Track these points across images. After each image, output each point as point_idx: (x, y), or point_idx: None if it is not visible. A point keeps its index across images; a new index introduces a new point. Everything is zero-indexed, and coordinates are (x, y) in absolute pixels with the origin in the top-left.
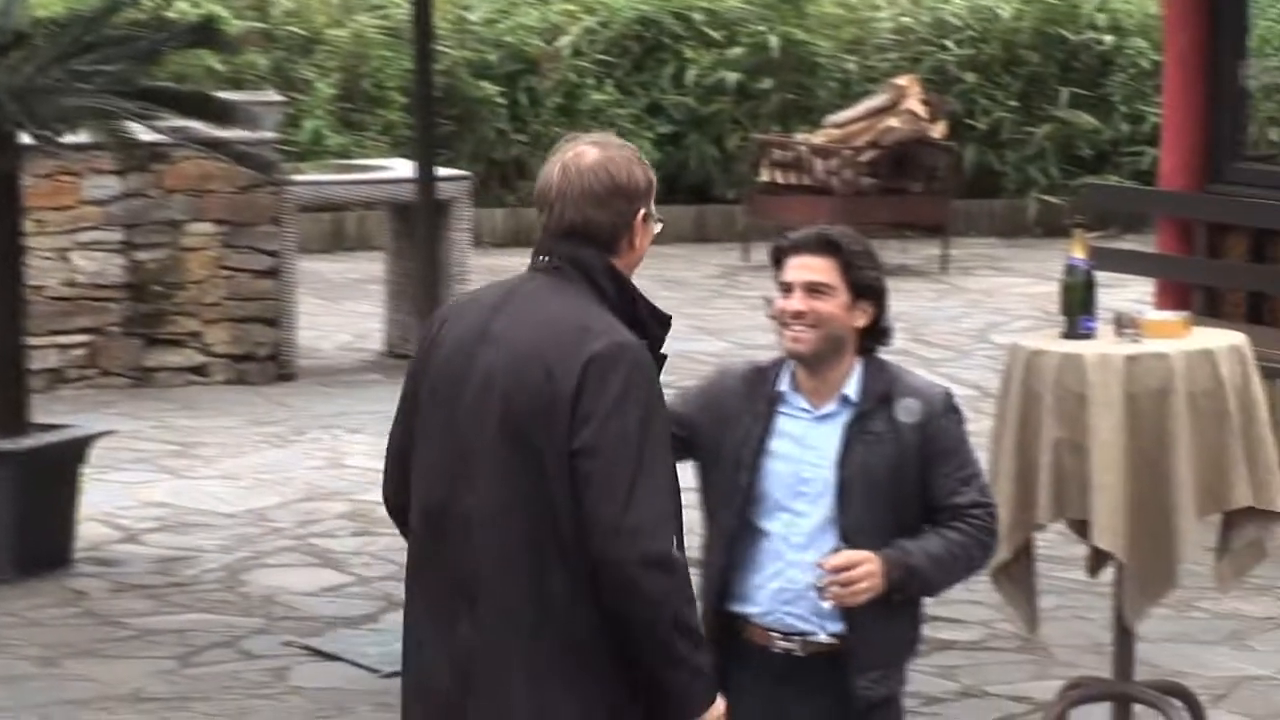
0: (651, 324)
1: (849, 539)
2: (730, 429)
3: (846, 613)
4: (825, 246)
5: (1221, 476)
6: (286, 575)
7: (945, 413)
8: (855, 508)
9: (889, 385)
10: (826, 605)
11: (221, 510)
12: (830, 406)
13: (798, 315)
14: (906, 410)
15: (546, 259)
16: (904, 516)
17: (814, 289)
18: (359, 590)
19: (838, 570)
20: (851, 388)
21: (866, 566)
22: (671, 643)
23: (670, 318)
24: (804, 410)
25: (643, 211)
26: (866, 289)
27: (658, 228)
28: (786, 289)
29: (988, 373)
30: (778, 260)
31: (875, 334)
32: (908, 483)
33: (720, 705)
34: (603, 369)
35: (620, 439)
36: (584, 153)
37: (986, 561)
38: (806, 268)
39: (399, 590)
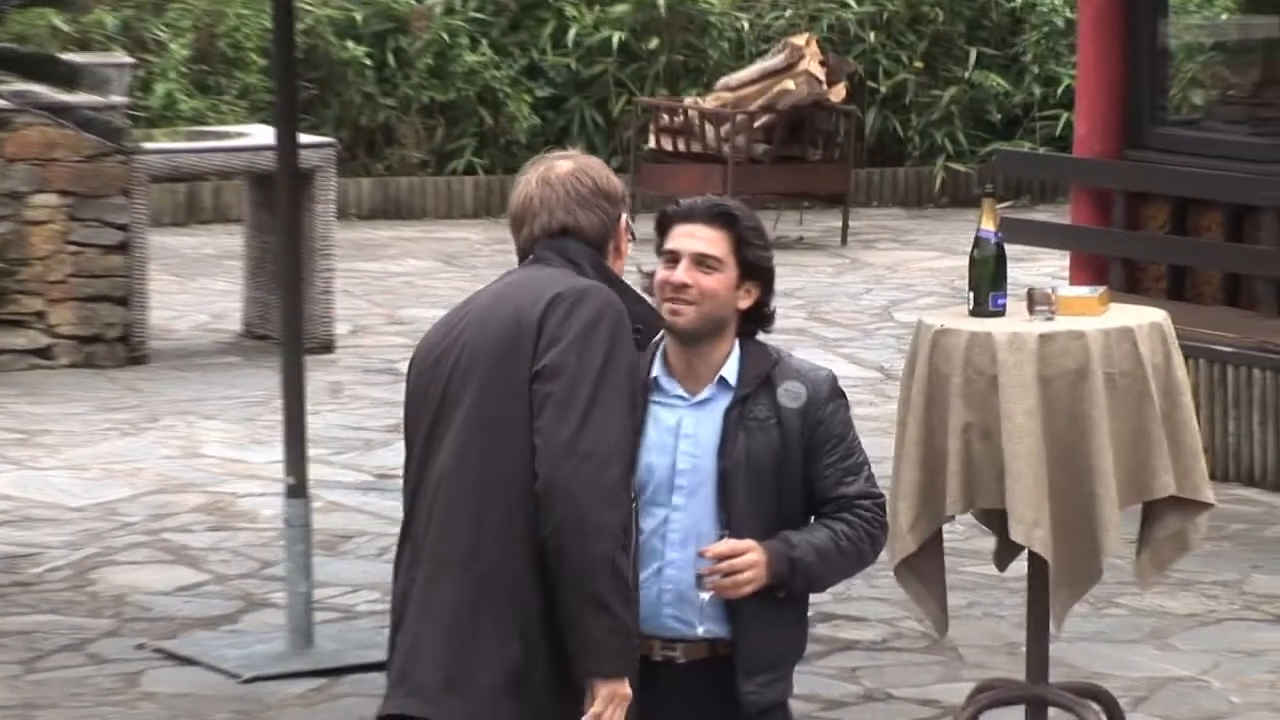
0: (637, 312)
1: (733, 533)
2: None
3: (731, 612)
4: (719, 218)
5: (1143, 463)
6: (138, 573)
7: (831, 397)
8: (739, 500)
9: (770, 368)
10: (706, 598)
11: (68, 503)
12: (707, 391)
13: (680, 288)
14: (789, 394)
15: (530, 258)
16: (788, 508)
17: (701, 260)
18: (216, 589)
19: (720, 558)
20: (730, 370)
21: (750, 556)
22: (601, 586)
23: (655, 313)
24: (678, 397)
25: (624, 217)
26: (755, 269)
27: (632, 238)
28: (671, 258)
29: (891, 353)
30: (663, 227)
31: (758, 318)
32: (792, 472)
33: (626, 686)
34: (572, 302)
35: (582, 364)
36: (556, 165)
37: (876, 556)
38: (696, 237)
39: (259, 589)
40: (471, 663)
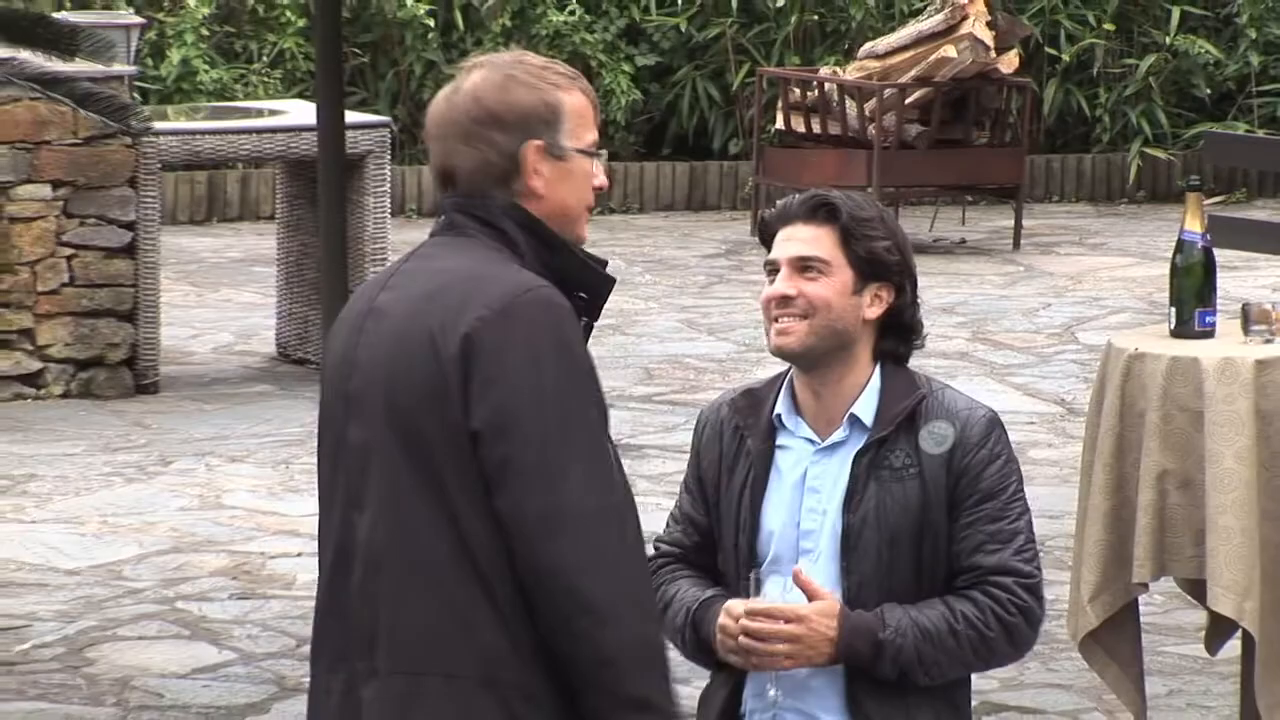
0: (583, 276)
1: (853, 606)
2: (725, 482)
3: (853, 705)
4: (817, 212)
5: None
6: (147, 651)
7: (984, 442)
8: (864, 565)
9: (915, 404)
10: (773, 694)
11: (61, 565)
12: (839, 433)
13: (783, 300)
14: (933, 438)
15: (443, 216)
16: (931, 579)
17: (804, 265)
18: (242, 671)
19: (755, 617)
20: (864, 407)
21: (793, 627)
22: (632, 683)
23: (606, 270)
24: (806, 440)
25: (536, 144)
26: (877, 266)
27: (593, 167)
28: (772, 269)
29: (1075, 383)
30: (765, 238)
31: (898, 331)
32: (936, 534)
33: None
34: (499, 326)
35: (537, 411)
36: (468, 75)
37: (1015, 650)
38: (794, 239)
39: (294, 671)
40: None
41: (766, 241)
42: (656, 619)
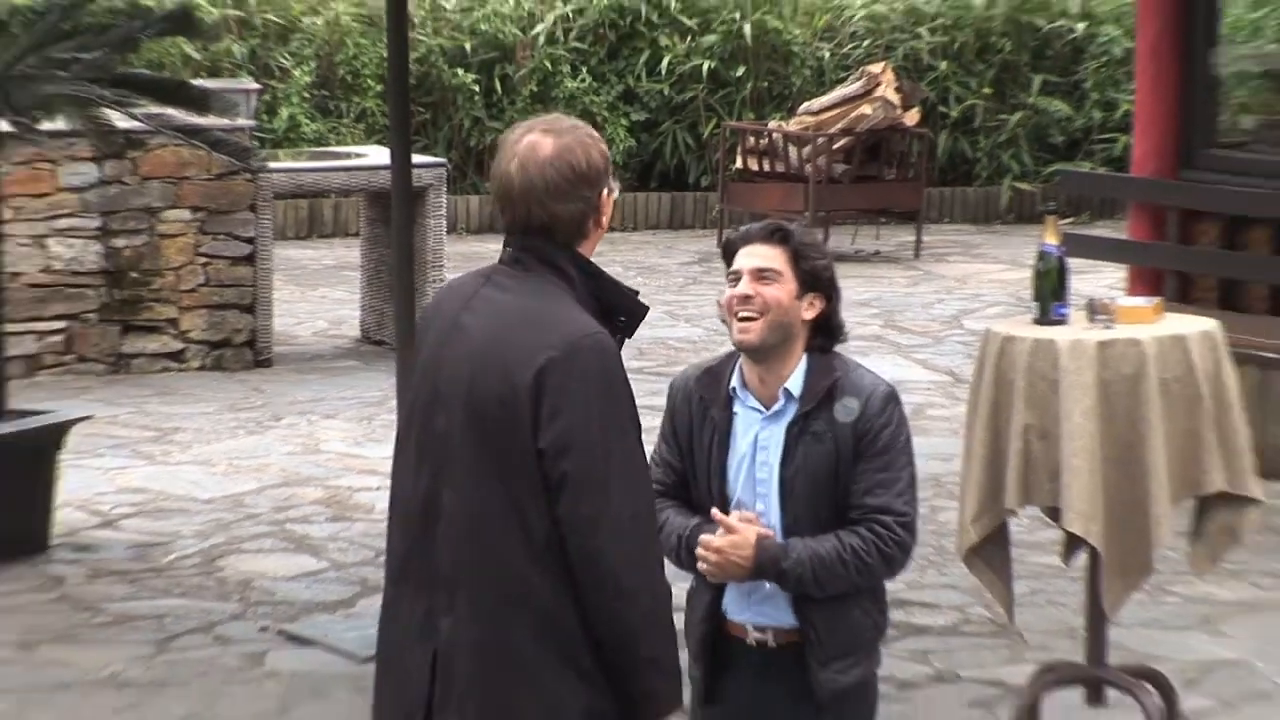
0: (622, 305)
1: (791, 534)
2: (698, 433)
3: (796, 608)
4: (773, 235)
5: (1195, 462)
6: (263, 560)
7: (880, 413)
8: (797, 507)
9: (831, 383)
10: (769, 588)
11: (198, 495)
12: (778, 404)
13: (745, 300)
14: (844, 410)
15: (511, 251)
16: (845, 513)
17: (761, 275)
18: (335, 575)
19: (707, 543)
20: (795, 384)
21: (730, 547)
22: (646, 646)
23: (638, 296)
24: (755, 409)
25: (604, 191)
26: (816, 280)
27: (615, 194)
28: (735, 277)
29: (961, 359)
30: (728, 255)
31: (827, 330)
32: (846, 481)
33: (682, 706)
34: (564, 366)
35: (588, 436)
36: (538, 144)
37: (890, 572)
38: (754, 255)
39: (375, 575)
40: (532, 691)
41: (728, 257)
42: (667, 598)
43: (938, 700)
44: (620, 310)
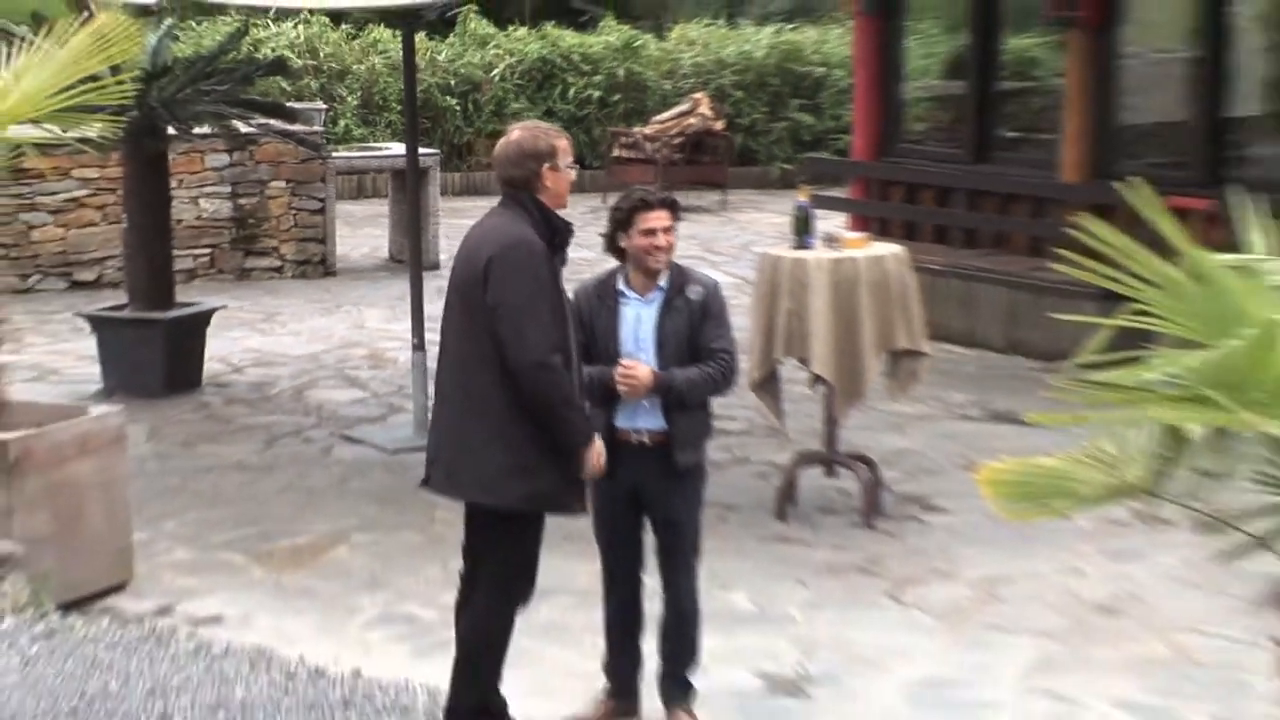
0: (560, 231)
1: (664, 370)
2: (598, 318)
3: (666, 412)
4: (670, 205)
5: (889, 330)
6: (330, 392)
7: (715, 295)
8: (668, 352)
9: (684, 276)
10: (647, 406)
11: (291, 353)
12: (652, 296)
13: (666, 248)
14: (695, 293)
15: (501, 195)
16: (697, 356)
17: (667, 229)
18: (374, 401)
19: (626, 371)
20: (664, 282)
21: (641, 375)
22: (559, 411)
23: (571, 226)
24: (636, 299)
25: (547, 165)
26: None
27: (571, 174)
28: (649, 232)
29: (749, 269)
30: (641, 208)
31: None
32: (697, 337)
33: (599, 443)
34: (502, 255)
35: (513, 297)
36: (509, 134)
37: (728, 386)
38: (662, 218)
39: (399, 401)
40: (476, 458)
41: (633, 213)
42: (564, 385)
43: (737, 473)
44: (558, 232)
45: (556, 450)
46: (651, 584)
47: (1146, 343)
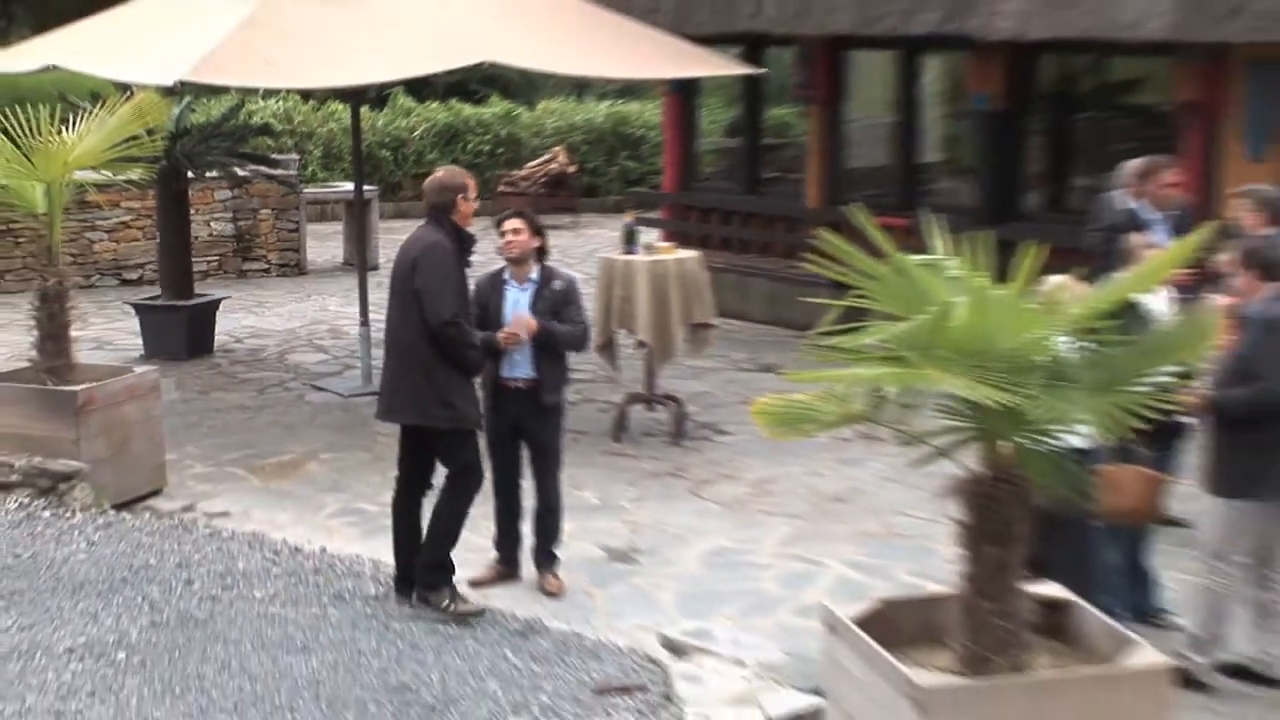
0: (467, 241)
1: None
2: (490, 299)
3: (536, 366)
4: (519, 215)
5: (690, 309)
6: (304, 355)
7: (573, 286)
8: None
9: (551, 273)
10: (519, 358)
11: (276, 329)
12: (526, 285)
13: (512, 243)
14: (558, 284)
15: (425, 216)
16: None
17: (516, 231)
18: (334, 361)
19: (516, 323)
20: (534, 275)
21: (530, 323)
22: (463, 351)
23: (474, 237)
24: (515, 287)
25: (459, 196)
26: (537, 231)
27: (475, 203)
28: (504, 234)
29: (593, 268)
30: (502, 220)
31: (542, 253)
32: (560, 314)
33: (487, 364)
34: (424, 253)
35: (429, 284)
36: (435, 174)
37: (584, 345)
38: (513, 224)
39: (351, 360)
40: (412, 393)
41: (496, 226)
42: (472, 334)
43: (585, 410)
44: (465, 242)
45: (465, 386)
46: (527, 486)
47: (864, 318)
